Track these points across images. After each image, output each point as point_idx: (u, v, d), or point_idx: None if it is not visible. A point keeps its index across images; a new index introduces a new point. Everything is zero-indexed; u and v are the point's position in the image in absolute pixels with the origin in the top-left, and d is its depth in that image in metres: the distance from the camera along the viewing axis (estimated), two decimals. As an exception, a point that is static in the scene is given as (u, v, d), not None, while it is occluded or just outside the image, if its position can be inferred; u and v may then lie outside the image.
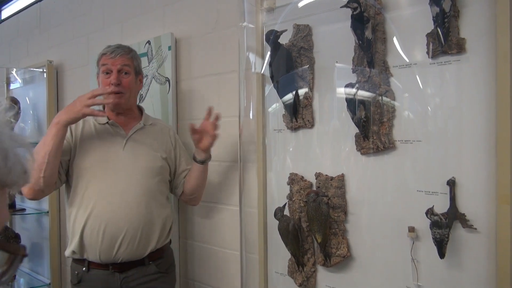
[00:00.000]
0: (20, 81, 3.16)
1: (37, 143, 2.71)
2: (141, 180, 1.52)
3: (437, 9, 1.12)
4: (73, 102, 1.48)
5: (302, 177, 1.47)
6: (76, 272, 1.51)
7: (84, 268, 1.49)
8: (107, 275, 1.47)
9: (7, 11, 3.85)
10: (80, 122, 1.55)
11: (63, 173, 1.53)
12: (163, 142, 1.65)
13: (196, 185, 1.64)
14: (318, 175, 1.42)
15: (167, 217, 1.61)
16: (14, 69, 3.16)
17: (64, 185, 1.59)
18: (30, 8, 3.15)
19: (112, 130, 1.58)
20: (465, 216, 1.13)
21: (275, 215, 1.47)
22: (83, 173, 1.50)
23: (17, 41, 3.31)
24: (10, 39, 3.40)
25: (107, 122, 1.58)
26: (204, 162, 1.62)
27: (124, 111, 1.61)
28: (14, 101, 2.86)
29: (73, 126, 1.54)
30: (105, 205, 1.46)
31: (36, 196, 1.47)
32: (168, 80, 1.99)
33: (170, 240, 1.71)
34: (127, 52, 1.59)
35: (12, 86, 3.25)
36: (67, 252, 1.53)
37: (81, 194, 1.50)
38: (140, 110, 1.72)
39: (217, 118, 1.60)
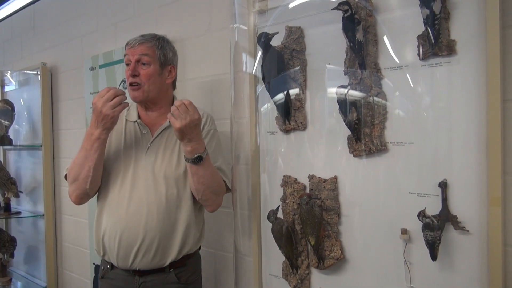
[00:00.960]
0: (14, 84, 3.15)
1: (31, 146, 2.68)
2: (159, 188, 1.41)
3: (427, 11, 1.12)
4: (94, 111, 1.34)
5: (295, 179, 1.46)
6: (102, 268, 1.52)
7: (108, 266, 1.49)
8: (127, 276, 1.45)
9: (1, 13, 3.83)
10: None
11: None
12: None
13: (196, 189, 1.41)
14: (311, 177, 1.42)
15: (191, 225, 1.46)
16: (8, 72, 3.15)
17: None
18: (23, 10, 3.14)
19: (139, 131, 1.49)
20: (457, 218, 1.13)
21: (268, 217, 1.47)
22: (108, 177, 1.46)
23: (11, 43, 3.30)
24: (3, 41, 3.38)
25: (136, 121, 1.50)
26: (189, 161, 1.35)
27: (151, 106, 1.49)
28: (9, 104, 2.86)
29: None
30: (123, 214, 1.41)
31: (84, 201, 1.48)
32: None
33: (200, 247, 1.59)
34: (148, 40, 1.45)
35: (7, 89, 3.25)
36: (95, 247, 1.52)
37: (104, 198, 1.47)
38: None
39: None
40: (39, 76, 2.78)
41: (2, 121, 2.80)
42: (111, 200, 1.44)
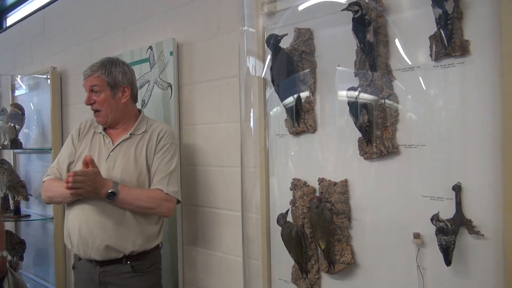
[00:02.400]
0: (24, 88, 3.18)
1: (41, 149, 2.69)
2: None
3: (440, 11, 1.10)
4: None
5: (305, 182, 1.45)
6: (74, 260, 1.73)
7: (77, 257, 1.69)
8: (90, 267, 1.62)
9: (12, 18, 3.89)
10: (86, 128, 1.75)
11: None
12: (149, 149, 1.66)
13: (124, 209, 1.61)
14: (321, 181, 1.40)
15: (142, 228, 1.62)
16: (19, 76, 3.18)
17: None
18: (34, 15, 3.17)
19: (103, 141, 1.69)
20: (472, 222, 1.10)
21: (277, 221, 1.45)
22: None
23: (21, 48, 3.34)
24: (14, 46, 3.42)
25: (101, 132, 1.71)
26: (107, 200, 1.55)
27: (114, 126, 1.70)
28: (19, 108, 2.88)
29: (79, 131, 1.75)
30: (81, 211, 1.60)
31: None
32: (170, 86, 1.99)
33: (160, 245, 1.74)
34: (95, 70, 1.65)
35: (17, 93, 3.28)
36: (65, 240, 1.71)
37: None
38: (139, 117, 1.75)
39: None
40: (48, 80, 2.81)
41: (12, 124, 2.82)
42: (75, 200, 1.63)
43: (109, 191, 1.52)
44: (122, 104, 1.68)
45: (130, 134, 1.67)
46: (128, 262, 1.61)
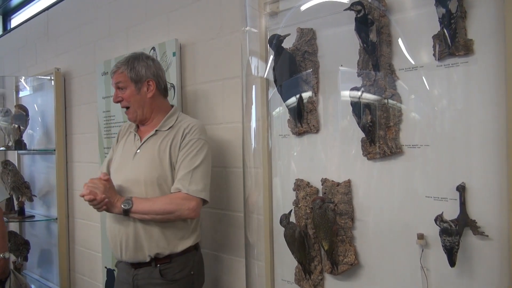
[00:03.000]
0: (28, 89, 3.19)
1: (45, 150, 2.71)
2: (137, 189, 1.56)
3: (443, 10, 1.09)
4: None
5: (308, 183, 1.44)
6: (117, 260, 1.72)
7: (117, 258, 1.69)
8: (126, 267, 1.61)
9: (16, 20, 3.91)
10: (124, 130, 1.76)
11: None
12: (173, 145, 1.57)
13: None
14: (324, 181, 1.40)
15: (168, 225, 1.54)
16: (23, 77, 3.20)
17: None
18: (38, 17, 3.19)
19: (133, 139, 1.69)
20: (476, 222, 1.09)
21: (280, 222, 1.45)
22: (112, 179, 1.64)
23: (25, 49, 3.35)
24: (18, 47, 3.44)
25: (133, 131, 1.71)
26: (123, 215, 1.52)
27: (144, 122, 1.67)
28: (23, 109, 2.89)
29: (119, 134, 1.78)
30: (112, 215, 1.60)
31: None
32: (173, 86, 1.99)
33: (196, 246, 1.64)
34: (119, 67, 1.64)
35: (21, 94, 3.30)
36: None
37: None
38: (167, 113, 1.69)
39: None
40: (52, 81, 2.82)
41: (17, 125, 2.84)
42: None
43: (123, 209, 1.48)
44: (148, 98, 1.62)
45: (156, 130, 1.61)
46: (158, 266, 1.55)
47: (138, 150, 1.62)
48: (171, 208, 1.49)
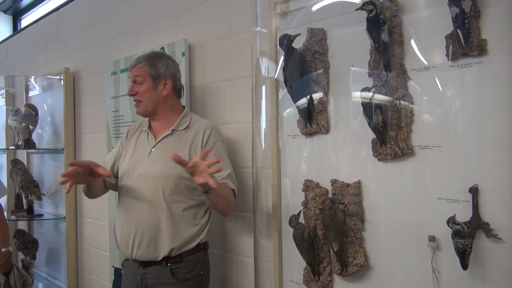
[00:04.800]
0: (38, 89, 3.22)
1: (54, 150, 2.74)
2: (153, 187, 1.56)
3: (456, 10, 1.08)
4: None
5: (318, 183, 1.43)
6: (123, 259, 1.72)
7: (124, 257, 1.69)
8: (134, 266, 1.61)
9: (26, 20, 3.95)
10: (134, 129, 1.77)
11: (115, 178, 1.72)
12: (193, 146, 1.59)
13: (210, 205, 1.54)
14: (334, 182, 1.39)
15: (182, 223, 1.55)
16: (33, 77, 3.22)
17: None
18: (48, 17, 3.21)
19: (147, 138, 1.68)
20: (489, 225, 1.08)
21: (289, 222, 1.44)
22: (120, 178, 1.68)
23: (35, 49, 3.38)
24: (28, 47, 3.47)
25: (145, 130, 1.70)
26: (205, 192, 1.39)
27: (154, 117, 1.67)
28: (32, 108, 2.92)
29: (128, 132, 1.78)
30: (125, 209, 1.62)
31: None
32: (182, 86, 1.99)
33: (205, 246, 1.65)
34: (139, 62, 1.65)
35: (31, 94, 3.32)
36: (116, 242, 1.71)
37: (119, 198, 1.69)
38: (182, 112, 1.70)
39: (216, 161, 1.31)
40: (62, 81, 2.84)
41: (26, 125, 2.86)
42: (121, 198, 1.67)
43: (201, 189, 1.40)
44: (163, 96, 1.64)
45: (172, 130, 1.63)
46: (168, 265, 1.55)
47: (153, 149, 1.62)
48: (230, 200, 1.50)
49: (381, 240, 1.30)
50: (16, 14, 4.11)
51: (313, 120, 1.43)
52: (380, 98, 1.26)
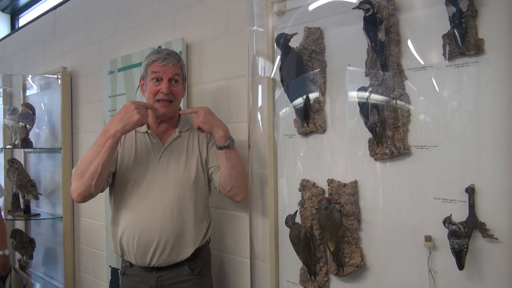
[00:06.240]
0: (35, 88, 3.21)
1: (51, 149, 2.73)
2: (171, 193, 1.52)
3: (453, 9, 1.08)
4: (123, 110, 1.44)
5: (314, 183, 1.43)
6: (123, 265, 1.63)
7: (127, 264, 1.60)
8: (145, 272, 1.55)
9: (24, 19, 3.94)
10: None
11: (110, 178, 1.56)
12: (200, 143, 1.60)
13: (225, 175, 1.52)
14: (330, 182, 1.38)
15: (201, 222, 1.58)
16: (30, 76, 3.21)
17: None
18: (45, 16, 3.20)
19: (150, 141, 1.57)
20: (485, 225, 1.07)
21: (286, 222, 1.44)
22: (123, 183, 1.55)
23: (33, 48, 3.37)
24: (26, 46, 3.46)
25: (146, 132, 1.58)
26: (222, 148, 1.50)
27: (168, 119, 1.60)
28: (29, 108, 2.91)
29: None
30: (139, 218, 1.51)
31: (85, 199, 1.49)
32: (179, 85, 1.98)
33: (209, 239, 1.69)
34: (178, 60, 1.55)
35: (28, 93, 3.31)
36: (112, 248, 1.61)
37: (120, 202, 1.56)
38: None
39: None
40: (59, 80, 2.83)
41: (23, 124, 2.85)
42: (128, 204, 1.54)
43: (229, 138, 1.51)
44: (181, 99, 1.63)
45: (179, 132, 1.59)
46: (185, 263, 1.55)
47: (163, 153, 1.55)
48: (245, 175, 1.55)
49: (377, 240, 1.29)
50: (14, 13, 4.10)
51: (309, 119, 1.43)
52: (376, 97, 1.25)
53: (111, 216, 1.61)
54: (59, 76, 2.83)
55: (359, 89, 1.29)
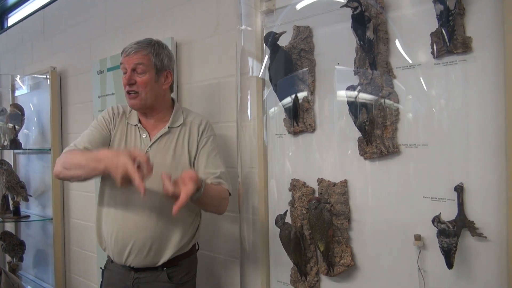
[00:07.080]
0: (24, 88, 3.17)
1: (40, 150, 2.67)
2: (153, 192, 1.40)
3: (441, 7, 1.07)
4: (121, 161, 1.24)
5: (304, 183, 1.42)
6: (107, 259, 1.60)
7: (109, 258, 1.57)
8: (123, 270, 1.51)
9: (12, 19, 3.89)
10: (119, 115, 1.54)
11: None
12: (190, 143, 1.51)
13: (211, 211, 1.48)
14: (320, 181, 1.38)
15: (185, 227, 1.49)
16: (19, 76, 3.17)
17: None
18: (34, 16, 3.16)
19: (139, 135, 1.52)
20: (474, 223, 1.07)
21: (276, 222, 1.43)
22: (108, 177, 1.41)
23: (22, 48, 3.33)
24: (15, 46, 3.42)
25: (136, 125, 1.53)
26: (194, 198, 1.30)
27: (149, 112, 1.51)
28: (18, 108, 2.87)
29: (113, 115, 1.54)
30: (116, 215, 1.47)
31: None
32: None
33: (198, 246, 1.61)
34: (143, 47, 1.46)
35: (17, 93, 3.26)
36: (97, 239, 1.57)
37: (105, 197, 1.53)
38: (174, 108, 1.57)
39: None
40: (48, 80, 2.79)
41: (12, 125, 2.81)
42: (108, 199, 1.50)
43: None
44: (163, 90, 1.50)
45: (169, 127, 1.50)
46: (164, 269, 1.48)
47: (149, 149, 1.47)
48: (221, 197, 1.43)
49: (367, 239, 1.29)
50: (2, 13, 4.04)
51: (299, 118, 1.42)
52: (365, 96, 1.25)
53: (96, 207, 1.56)
54: (48, 76, 2.80)
55: (348, 88, 1.28)
